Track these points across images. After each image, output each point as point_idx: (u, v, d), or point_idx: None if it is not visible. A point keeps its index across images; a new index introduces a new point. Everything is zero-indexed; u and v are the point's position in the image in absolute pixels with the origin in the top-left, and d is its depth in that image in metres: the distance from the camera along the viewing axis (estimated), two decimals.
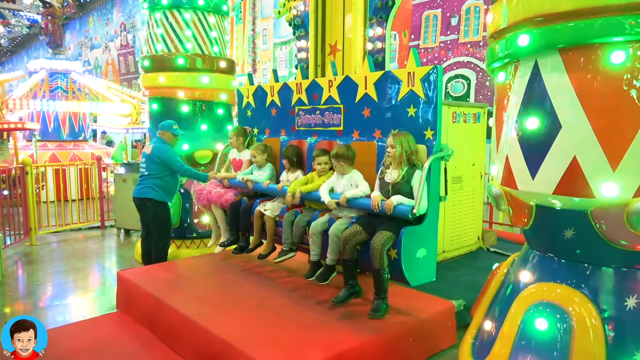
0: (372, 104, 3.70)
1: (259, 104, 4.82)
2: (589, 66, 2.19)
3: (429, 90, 3.27)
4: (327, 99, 4.05)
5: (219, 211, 4.65)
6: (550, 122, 2.31)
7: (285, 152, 4.19)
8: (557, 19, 2.22)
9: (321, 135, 4.17)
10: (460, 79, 10.91)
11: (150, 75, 6.08)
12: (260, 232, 4.24)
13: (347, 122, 3.92)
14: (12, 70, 34.85)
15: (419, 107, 3.35)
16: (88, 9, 25.43)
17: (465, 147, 5.36)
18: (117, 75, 23.97)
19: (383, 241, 3.07)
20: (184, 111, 6.08)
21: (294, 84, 4.35)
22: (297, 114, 4.36)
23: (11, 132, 10.36)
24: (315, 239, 3.60)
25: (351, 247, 3.25)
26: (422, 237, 3.19)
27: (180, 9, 5.95)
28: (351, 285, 3.42)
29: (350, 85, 3.84)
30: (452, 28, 10.84)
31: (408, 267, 3.14)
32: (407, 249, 3.11)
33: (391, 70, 3.58)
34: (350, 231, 3.27)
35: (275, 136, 4.64)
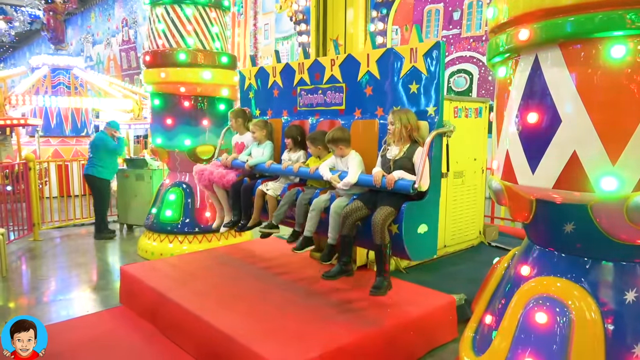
0: (374, 82, 3.68)
1: (261, 86, 4.78)
2: (589, 60, 2.19)
3: (432, 66, 3.25)
4: (329, 78, 4.02)
5: (221, 191, 4.61)
6: (550, 117, 2.32)
7: (289, 131, 4.15)
8: (557, 13, 2.21)
9: (323, 115, 4.13)
10: (463, 73, 10.89)
11: (152, 70, 6.09)
12: (261, 212, 4.21)
13: (349, 101, 3.90)
14: (15, 65, 34.89)
15: (421, 84, 3.33)
16: (90, 4, 25.40)
17: (467, 142, 5.36)
18: (119, 70, 23.98)
19: (384, 216, 3.05)
20: (186, 106, 6.10)
21: (296, 64, 4.32)
22: (299, 94, 4.32)
23: (14, 128, 10.39)
24: (314, 215, 3.58)
25: (351, 222, 3.22)
26: (423, 212, 3.17)
27: (182, 4, 5.95)
28: (344, 263, 3.38)
29: (353, 64, 3.82)
30: (454, 22, 10.80)
31: (409, 242, 3.12)
32: (409, 224, 3.09)
33: (394, 47, 3.56)
34: (351, 207, 3.25)
35: (277, 117, 4.59)
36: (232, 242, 6.27)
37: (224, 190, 4.58)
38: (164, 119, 6.18)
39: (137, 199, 7.79)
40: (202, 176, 4.68)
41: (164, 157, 6.46)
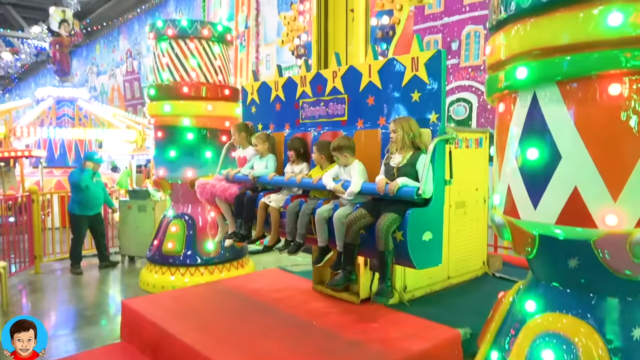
0: (376, 92, 3.70)
1: (263, 100, 4.77)
2: (587, 98, 2.22)
3: (433, 74, 3.28)
4: (331, 90, 4.03)
5: (224, 205, 4.56)
6: (550, 153, 2.34)
7: (292, 143, 4.13)
8: (554, 52, 2.26)
9: (325, 127, 4.12)
10: (462, 102, 11.01)
11: (156, 103, 6.18)
12: (264, 224, 4.17)
13: (351, 112, 3.91)
14: (20, 96, 35.36)
15: (423, 92, 3.35)
16: (95, 36, 25.93)
17: (468, 172, 5.37)
18: (123, 100, 24.28)
19: (389, 222, 3.03)
20: (189, 138, 6.16)
21: (298, 78, 4.33)
22: (302, 107, 4.31)
23: (18, 159, 10.48)
24: (320, 225, 3.55)
25: (355, 230, 3.21)
26: (427, 219, 3.15)
27: (186, 39, 6.08)
28: (348, 271, 3.36)
29: (354, 75, 3.84)
30: (453, 52, 10.98)
31: (414, 250, 3.09)
32: (413, 231, 3.06)
33: (395, 57, 3.59)
34: (355, 215, 3.23)
35: (279, 131, 4.57)
36: (235, 273, 6.23)
37: (227, 203, 4.55)
38: (167, 151, 6.24)
39: (139, 230, 7.78)
40: (204, 190, 4.64)
41: (167, 188, 6.49)
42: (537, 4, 2.29)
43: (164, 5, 19.62)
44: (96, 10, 23.48)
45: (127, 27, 23.20)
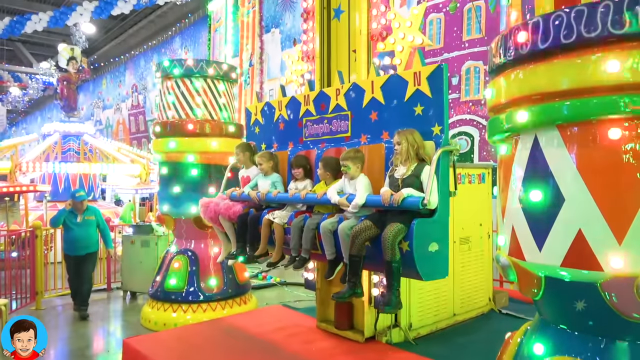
0: (379, 107, 3.73)
1: (266, 120, 4.80)
2: (588, 142, 2.26)
3: (435, 87, 3.30)
4: (334, 108, 4.06)
5: (227, 223, 4.51)
6: (554, 195, 2.36)
7: (296, 161, 4.13)
8: (553, 97, 2.31)
9: (329, 144, 4.13)
10: (464, 135, 11.11)
11: (161, 140, 6.26)
12: (267, 241, 4.10)
13: (354, 128, 3.92)
14: (26, 130, 35.82)
15: (425, 105, 3.37)
16: (102, 72, 26.48)
17: (472, 207, 5.39)
18: (128, 134, 24.57)
19: (394, 232, 3.01)
20: (193, 174, 6.21)
21: (302, 97, 4.36)
22: (305, 125, 4.33)
23: (23, 193, 10.54)
24: (326, 238, 3.50)
25: (360, 242, 3.18)
26: (433, 230, 3.12)
27: (192, 77, 6.22)
28: (353, 284, 3.30)
29: (358, 92, 3.88)
30: (454, 87, 11.15)
31: (420, 260, 3.05)
32: (419, 241, 3.04)
33: (397, 73, 3.64)
34: (360, 226, 3.21)
35: (283, 149, 4.56)
36: (237, 310, 6.17)
37: (230, 222, 4.50)
38: (171, 187, 6.28)
39: (142, 265, 7.75)
40: (207, 209, 4.60)
41: (171, 224, 6.50)
42: (536, 50, 2.36)
43: (169, 42, 20.10)
44: (103, 47, 24.07)
45: (133, 62, 23.71)
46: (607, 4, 2.14)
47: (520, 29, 2.43)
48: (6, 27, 15.61)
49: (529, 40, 2.37)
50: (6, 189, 9.54)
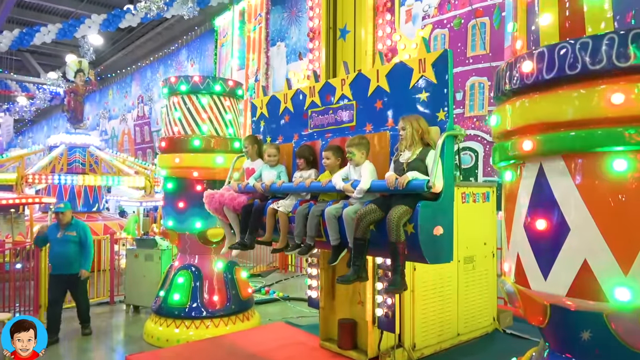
0: (384, 95, 3.71)
1: (272, 113, 4.79)
2: (593, 172, 2.27)
3: (440, 73, 3.30)
4: (339, 98, 4.05)
5: (232, 214, 4.50)
6: (559, 224, 2.36)
7: (300, 151, 4.14)
8: (559, 127, 2.33)
9: (334, 134, 4.12)
10: (468, 151, 11.11)
11: (167, 156, 6.30)
12: (272, 231, 4.08)
13: (359, 117, 3.90)
14: (32, 139, 36.07)
15: (430, 91, 3.37)
16: (108, 82, 26.68)
17: (476, 226, 5.38)
18: (133, 144, 24.69)
19: (399, 214, 2.99)
20: (198, 190, 6.22)
21: (307, 89, 4.35)
22: (310, 116, 4.31)
23: (29, 205, 10.59)
24: (331, 223, 3.48)
25: (365, 224, 3.16)
26: (438, 213, 3.10)
27: (198, 93, 6.27)
28: (358, 267, 3.27)
29: (363, 81, 3.86)
30: (458, 102, 11.18)
31: (425, 243, 3.03)
32: (424, 223, 3.01)
33: (402, 60, 3.63)
34: (365, 209, 3.20)
35: (288, 142, 4.56)
36: (240, 327, 6.15)
37: (235, 213, 4.49)
38: (176, 202, 6.30)
39: (145, 279, 7.75)
40: (212, 199, 4.60)
41: (175, 239, 6.51)
42: (540, 80, 2.38)
43: (176, 54, 20.26)
44: (110, 58, 24.29)
45: (139, 73, 23.90)
46: (612, 37, 2.16)
47: (526, 58, 2.46)
48: (15, 39, 15.79)
49: (534, 70, 2.40)
50: (12, 200, 9.58)
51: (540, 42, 2.48)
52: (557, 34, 2.42)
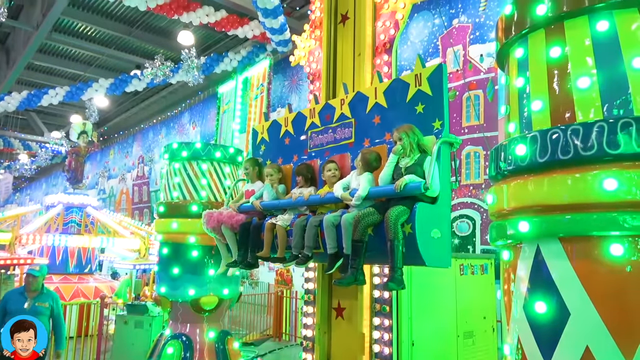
0: (382, 111, 3.82)
1: (272, 137, 4.85)
2: (591, 256, 2.27)
3: (436, 86, 3.42)
4: (339, 117, 4.14)
5: (229, 232, 4.45)
6: (559, 308, 2.33)
7: (299, 169, 4.17)
8: (555, 210, 2.35)
9: (333, 152, 4.17)
10: (465, 219, 11.14)
11: (164, 220, 6.28)
12: (271, 245, 4.04)
13: (358, 134, 3.97)
14: (30, 197, 36.08)
15: (426, 103, 3.47)
16: (110, 142, 27.13)
17: (475, 300, 5.29)
18: (130, 204, 24.70)
19: (397, 212, 3.05)
20: (194, 256, 6.16)
21: (308, 111, 4.44)
22: (310, 137, 4.38)
23: (20, 266, 10.41)
24: (329, 231, 3.49)
25: (363, 226, 3.20)
26: (435, 216, 3.15)
27: (199, 160, 6.36)
28: (355, 269, 3.27)
29: (361, 99, 3.97)
30: (454, 171, 11.33)
31: (423, 244, 3.05)
32: (421, 224, 3.05)
33: (399, 77, 3.74)
34: (364, 212, 3.25)
35: (287, 163, 4.59)
36: None
37: (232, 232, 4.44)
38: (170, 268, 6.20)
39: (133, 347, 7.48)
40: (211, 218, 4.59)
41: (167, 306, 6.35)
42: (535, 163, 2.44)
43: (178, 117, 20.77)
44: (114, 119, 24.86)
45: (142, 134, 24.37)
46: (602, 125, 2.25)
47: (519, 141, 2.53)
48: (23, 100, 16.23)
49: (527, 154, 2.46)
50: (3, 261, 9.44)
51: (533, 127, 2.56)
52: (548, 119, 2.51)
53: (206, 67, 13.34)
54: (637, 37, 2.33)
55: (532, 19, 2.60)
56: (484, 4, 10.08)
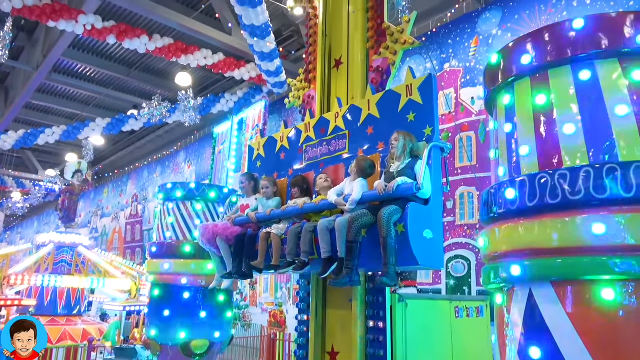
0: (374, 122, 3.90)
1: (268, 153, 4.91)
2: (583, 301, 2.27)
3: (426, 95, 3.51)
4: (333, 129, 4.22)
5: (224, 245, 4.41)
6: (553, 353, 2.31)
7: (295, 181, 4.22)
8: (546, 253, 2.37)
9: (327, 163, 4.22)
10: (461, 259, 11.08)
11: (156, 261, 6.23)
12: (265, 255, 4.04)
13: (351, 144, 4.04)
14: (21, 235, 35.63)
15: (417, 112, 3.56)
16: (104, 181, 27.11)
17: (470, 343, 5.19)
18: (122, 243, 24.44)
19: (390, 211, 3.11)
20: (185, 298, 6.07)
21: (303, 126, 4.53)
22: (305, 150, 4.45)
23: (7, 307, 10.18)
24: (323, 235, 3.53)
25: (357, 227, 3.25)
26: (427, 217, 3.17)
27: (193, 200, 6.37)
28: (350, 270, 3.29)
29: (355, 111, 4.05)
30: (449, 211, 11.37)
31: (416, 243, 3.06)
32: (414, 223, 3.07)
33: (391, 89, 3.84)
34: (357, 213, 3.31)
35: (283, 177, 4.62)
36: None
37: (227, 244, 4.42)
38: (161, 310, 6.10)
39: None
40: (206, 230, 4.55)
41: (156, 349, 6.20)
42: (525, 207, 2.47)
43: (174, 155, 20.88)
44: (109, 158, 24.96)
45: (136, 173, 24.39)
46: (588, 170, 2.30)
47: (509, 185, 2.57)
48: (20, 139, 16.31)
49: (517, 197, 2.50)
50: None
51: (522, 171, 2.61)
52: (536, 163, 2.57)
53: (203, 108, 13.53)
54: (618, 86, 2.42)
55: (518, 68, 2.70)
56: (474, 50, 10.42)
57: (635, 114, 2.36)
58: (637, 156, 2.30)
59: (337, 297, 4.33)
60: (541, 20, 8.61)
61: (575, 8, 8.00)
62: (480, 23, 9.72)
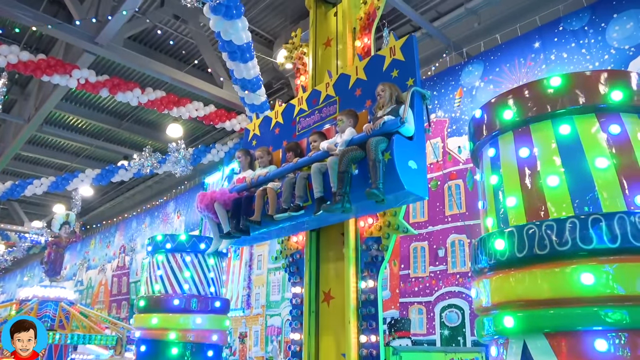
0: (362, 84, 4.12)
1: (264, 130, 5.08)
2: (577, 353, 2.26)
3: (408, 52, 3.78)
4: (324, 98, 4.43)
5: (222, 210, 4.51)
6: None
7: (289, 146, 4.39)
8: (538, 305, 2.38)
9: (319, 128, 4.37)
10: (454, 309, 10.94)
11: (144, 316, 6.08)
12: (261, 211, 4.19)
13: (342, 108, 4.20)
14: (4, 288, 34.55)
15: (400, 68, 3.79)
16: (92, 232, 26.71)
17: None
18: (108, 296, 23.79)
19: (377, 140, 3.31)
20: (173, 354, 5.89)
21: (296, 100, 4.71)
22: (298, 122, 4.63)
23: None
24: (316, 177, 3.78)
25: (347, 159, 3.48)
26: (411, 150, 3.37)
27: (182, 252, 6.30)
28: (342, 196, 3.48)
29: (344, 79, 4.31)
30: (440, 259, 11.33)
31: (402, 169, 3.23)
32: (399, 151, 3.26)
33: (376, 53, 4.08)
34: (347, 147, 3.54)
35: (278, 149, 4.70)
36: None
37: (225, 209, 4.52)
38: None
39: None
40: (204, 197, 4.63)
41: None
42: (514, 258, 2.50)
43: (163, 206, 20.74)
44: (97, 208, 24.72)
45: (125, 223, 24.08)
46: (574, 221, 2.35)
47: (497, 236, 2.61)
48: (7, 190, 16.18)
49: (506, 248, 2.53)
50: None
51: (509, 222, 2.66)
52: (523, 214, 2.62)
53: (194, 158, 13.63)
54: (597, 140, 2.52)
55: (501, 122, 2.81)
56: (459, 101, 10.75)
57: (614, 166, 2.45)
58: (619, 207, 2.37)
59: (330, 349, 4.24)
60: (521, 73, 8.97)
61: (553, 61, 8.36)
62: (463, 76, 10.08)
